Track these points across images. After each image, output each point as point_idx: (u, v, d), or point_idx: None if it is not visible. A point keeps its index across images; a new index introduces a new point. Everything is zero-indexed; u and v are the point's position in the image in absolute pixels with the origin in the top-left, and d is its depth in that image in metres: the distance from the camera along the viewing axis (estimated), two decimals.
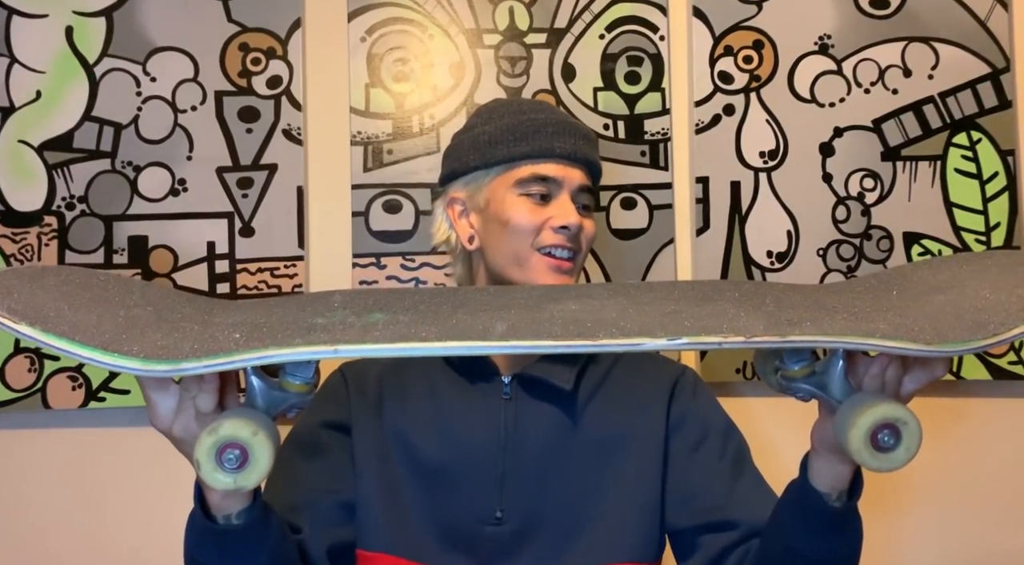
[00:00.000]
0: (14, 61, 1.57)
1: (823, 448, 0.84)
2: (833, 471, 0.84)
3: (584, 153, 1.05)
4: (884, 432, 0.71)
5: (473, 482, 1.01)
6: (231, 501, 0.82)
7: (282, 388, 0.75)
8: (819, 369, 0.79)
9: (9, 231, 1.55)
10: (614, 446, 1.03)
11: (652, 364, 1.14)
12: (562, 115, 1.09)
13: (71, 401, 1.53)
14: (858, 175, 1.61)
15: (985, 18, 1.61)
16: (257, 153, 1.58)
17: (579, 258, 1.05)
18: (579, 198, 1.05)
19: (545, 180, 1.03)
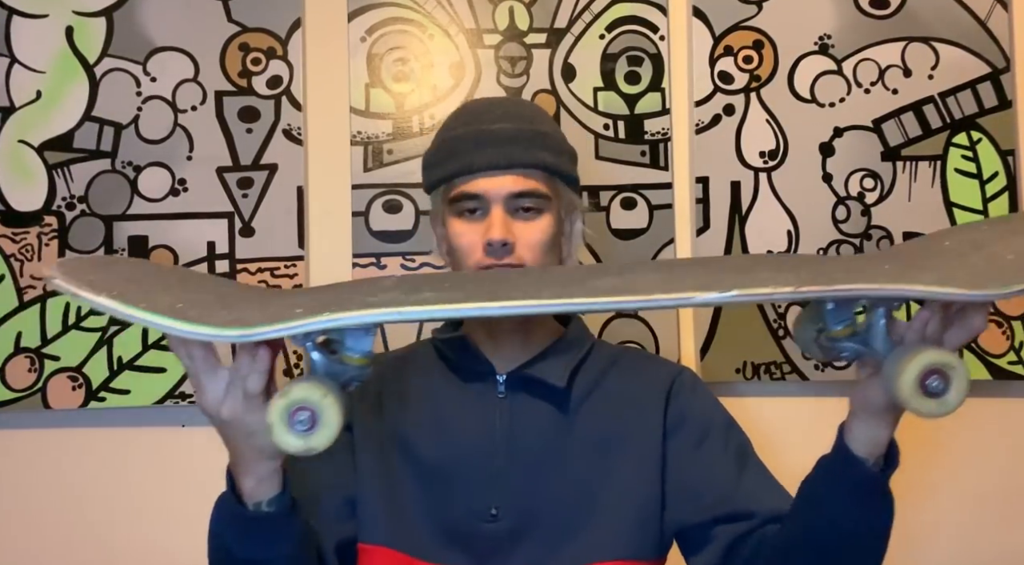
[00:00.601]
0: (14, 61, 1.57)
1: (864, 412, 0.85)
2: (873, 435, 0.85)
3: (513, 158, 1.00)
4: (933, 378, 0.73)
5: (469, 480, 1.02)
6: (265, 487, 0.84)
7: (342, 362, 0.77)
8: (861, 328, 0.81)
9: (9, 231, 1.55)
10: (609, 444, 1.03)
11: (649, 364, 1.14)
12: (488, 122, 1.02)
13: (71, 401, 1.53)
14: (858, 175, 1.61)
15: (985, 18, 1.61)
16: (257, 153, 1.58)
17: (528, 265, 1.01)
18: (515, 203, 1.01)
19: (472, 197, 1.01)
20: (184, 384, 1.54)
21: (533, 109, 1.10)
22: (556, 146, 1.05)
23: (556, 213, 1.04)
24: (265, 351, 0.79)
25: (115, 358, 1.54)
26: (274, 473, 0.84)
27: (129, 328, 1.54)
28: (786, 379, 1.58)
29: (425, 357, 1.11)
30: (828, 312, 0.80)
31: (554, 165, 1.03)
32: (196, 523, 1.59)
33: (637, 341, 1.57)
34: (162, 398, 1.54)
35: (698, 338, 1.59)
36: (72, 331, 1.54)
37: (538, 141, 1.02)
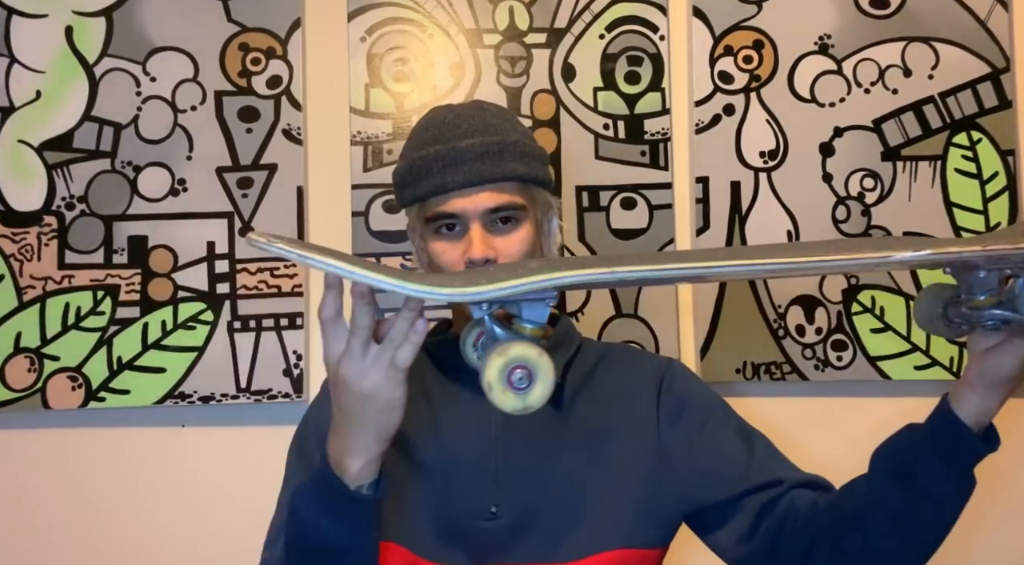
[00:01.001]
0: (14, 61, 1.57)
1: (985, 381, 0.86)
2: (987, 406, 0.87)
3: (483, 174, 1.00)
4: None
5: (468, 479, 1.03)
6: (369, 470, 0.84)
7: (519, 333, 0.79)
8: (1004, 296, 0.82)
9: (9, 231, 1.55)
10: (603, 436, 1.05)
11: (639, 357, 1.15)
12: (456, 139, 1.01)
13: (71, 401, 1.53)
14: (858, 175, 1.60)
15: (985, 18, 1.61)
16: (257, 153, 1.58)
17: None
18: (492, 217, 1.01)
19: (449, 215, 1.01)
20: (184, 384, 1.54)
21: (499, 116, 1.08)
22: (527, 153, 1.04)
23: (533, 219, 1.04)
24: (423, 323, 0.80)
25: (115, 358, 1.54)
26: (380, 457, 0.85)
27: (129, 328, 1.54)
28: (786, 379, 1.58)
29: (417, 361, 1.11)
30: (977, 280, 0.83)
31: (526, 174, 1.03)
32: (196, 523, 1.59)
33: (637, 341, 1.57)
34: (162, 398, 1.54)
35: (698, 338, 1.59)
36: (72, 331, 1.54)
37: (508, 153, 1.02)
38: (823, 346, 1.58)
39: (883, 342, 1.58)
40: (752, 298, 1.59)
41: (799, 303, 1.59)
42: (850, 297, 1.59)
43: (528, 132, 1.09)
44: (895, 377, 1.58)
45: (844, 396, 1.61)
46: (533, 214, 1.04)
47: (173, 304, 1.55)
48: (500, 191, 1.01)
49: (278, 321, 1.56)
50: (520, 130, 1.07)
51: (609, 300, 1.59)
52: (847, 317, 1.59)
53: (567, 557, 1.00)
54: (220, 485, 1.57)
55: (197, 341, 1.55)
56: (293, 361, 1.56)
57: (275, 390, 1.55)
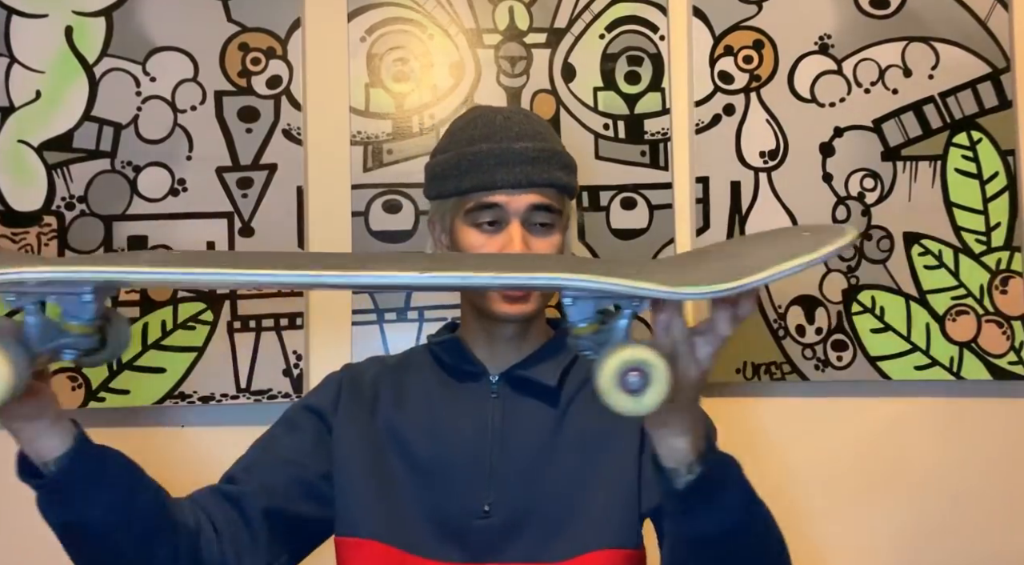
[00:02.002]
0: (14, 61, 1.57)
1: (649, 426, 0.82)
2: (667, 447, 0.82)
3: (532, 177, 1.04)
4: (632, 374, 0.72)
5: (462, 478, 1.05)
6: (41, 447, 0.86)
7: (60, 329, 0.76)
8: (605, 329, 0.79)
9: (9, 231, 1.55)
10: (597, 441, 1.06)
11: None
12: (509, 140, 1.06)
13: (71, 401, 1.53)
14: (858, 175, 1.60)
15: (985, 18, 1.61)
16: (257, 153, 1.58)
17: None
18: (532, 218, 1.05)
19: (491, 207, 1.04)
20: (184, 384, 1.54)
21: (543, 125, 1.13)
22: (567, 165, 1.10)
23: (563, 229, 1.09)
24: None
25: None
26: (49, 431, 0.85)
27: None
28: (786, 379, 1.58)
29: (420, 360, 1.14)
30: (569, 308, 0.78)
31: (568, 184, 1.08)
32: None
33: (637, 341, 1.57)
34: (162, 398, 1.54)
35: None
36: None
37: (555, 161, 1.07)
38: (823, 346, 1.58)
39: (883, 342, 1.58)
40: None
41: (799, 303, 1.59)
42: (850, 297, 1.59)
43: (564, 146, 1.12)
44: (895, 377, 1.58)
45: (844, 396, 1.61)
46: (564, 222, 1.09)
47: (173, 304, 1.55)
48: (542, 194, 1.05)
49: (278, 321, 1.56)
50: (560, 141, 1.12)
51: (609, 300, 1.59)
52: (847, 317, 1.59)
53: (557, 557, 1.01)
54: None
55: (197, 341, 1.55)
56: (293, 361, 1.55)
57: (275, 390, 1.55)
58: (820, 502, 1.59)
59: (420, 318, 1.56)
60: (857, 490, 1.61)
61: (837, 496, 1.60)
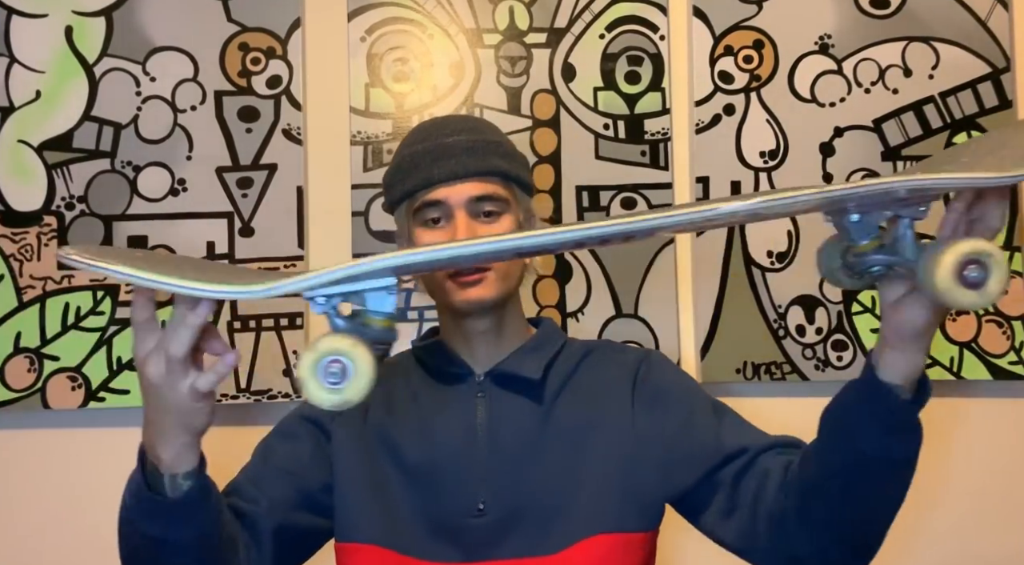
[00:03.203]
0: (14, 61, 1.57)
1: (899, 337, 0.83)
2: (909, 361, 0.83)
3: (468, 167, 1.04)
4: (971, 268, 0.70)
5: (454, 477, 1.06)
6: (183, 460, 0.86)
7: (364, 324, 0.77)
8: (888, 240, 0.79)
9: (9, 231, 1.55)
10: (585, 431, 1.07)
11: (618, 352, 1.16)
12: (443, 136, 1.06)
13: (71, 401, 1.53)
14: (858, 175, 1.60)
15: (985, 18, 1.61)
16: (257, 153, 1.58)
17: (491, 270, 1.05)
18: (477, 208, 1.05)
19: (435, 204, 1.05)
20: None
21: (484, 122, 1.14)
22: (510, 154, 1.09)
23: (515, 217, 1.07)
24: (204, 307, 0.80)
25: (115, 358, 1.54)
26: (191, 446, 0.86)
27: (129, 328, 1.54)
28: (786, 379, 1.58)
29: (406, 365, 1.15)
30: (853, 226, 0.78)
31: (509, 171, 1.07)
32: None
33: (637, 341, 1.57)
34: None
35: (698, 338, 1.59)
36: (72, 331, 1.54)
37: (492, 149, 1.07)
38: (823, 346, 1.58)
39: None
40: (752, 298, 1.59)
41: (799, 303, 1.59)
42: (850, 297, 1.59)
43: (511, 141, 1.12)
44: None
45: None
46: (516, 212, 1.08)
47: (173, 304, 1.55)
48: (485, 182, 1.05)
49: (278, 321, 1.56)
50: (505, 137, 1.12)
51: (609, 300, 1.59)
52: (847, 317, 1.59)
53: (554, 548, 1.02)
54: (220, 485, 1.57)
55: None
56: (293, 361, 1.56)
57: (275, 390, 1.55)
58: None
59: (420, 318, 1.56)
60: None
61: None
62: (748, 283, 1.59)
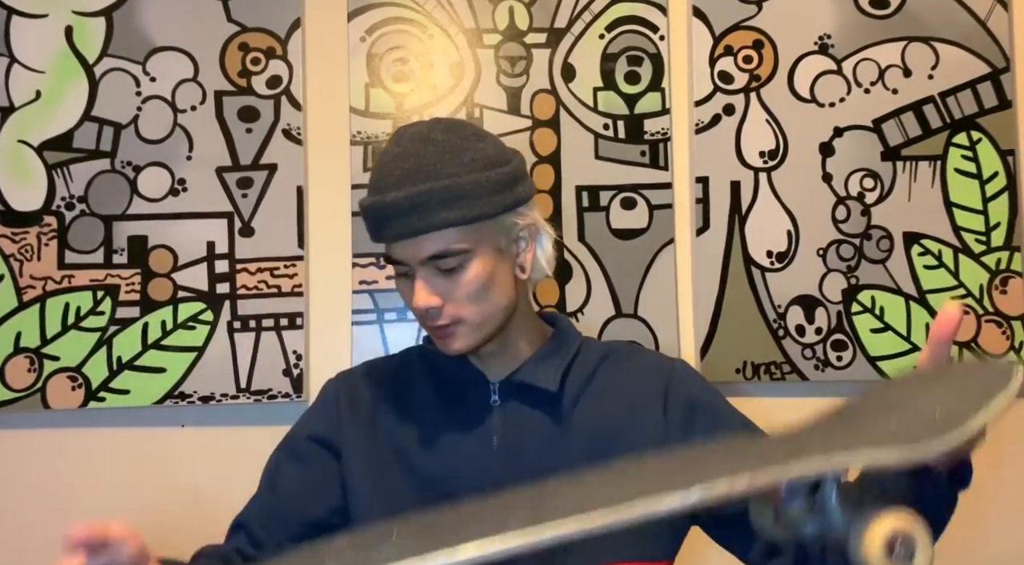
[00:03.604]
0: (14, 61, 1.57)
1: None
2: None
3: (415, 227, 0.97)
4: (898, 544, 0.69)
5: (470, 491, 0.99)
6: None
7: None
8: (817, 504, 0.77)
9: (9, 231, 1.55)
10: (607, 444, 1.03)
11: (641, 358, 1.12)
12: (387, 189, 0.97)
13: (71, 401, 1.53)
14: (858, 175, 1.61)
15: (985, 18, 1.61)
16: (257, 153, 1.58)
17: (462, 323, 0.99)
18: (433, 266, 0.98)
19: (397, 262, 1.00)
20: (184, 384, 1.54)
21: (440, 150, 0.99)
22: (464, 194, 0.97)
23: (485, 255, 0.99)
24: None
25: (115, 358, 1.54)
26: None
27: (129, 328, 1.54)
28: (786, 379, 1.58)
29: (417, 366, 1.11)
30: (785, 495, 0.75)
31: (459, 219, 0.97)
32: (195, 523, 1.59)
33: (637, 341, 1.57)
34: (162, 398, 1.54)
35: (698, 338, 1.59)
36: (72, 331, 1.54)
37: (436, 201, 0.96)
38: (823, 346, 1.58)
39: (883, 342, 1.58)
40: (752, 298, 1.59)
41: (799, 303, 1.59)
42: (850, 297, 1.59)
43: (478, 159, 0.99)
44: None
45: (844, 396, 1.61)
46: (485, 250, 0.99)
47: (173, 304, 1.55)
48: (437, 238, 0.97)
49: (278, 321, 1.56)
50: (465, 160, 0.99)
51: (609, 300, 1.59)
52: (847, 317, 1.59)
53: None
54: (220, 485, 1.57)
55: (197, 341, 1.55)
56: (293, 361, 1.55)
57: (275, 390, 1.55)
58: None
59: None
60: None
61: None
62: (748, 283, 1.59)
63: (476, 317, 0.99)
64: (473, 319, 0.99)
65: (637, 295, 1.59)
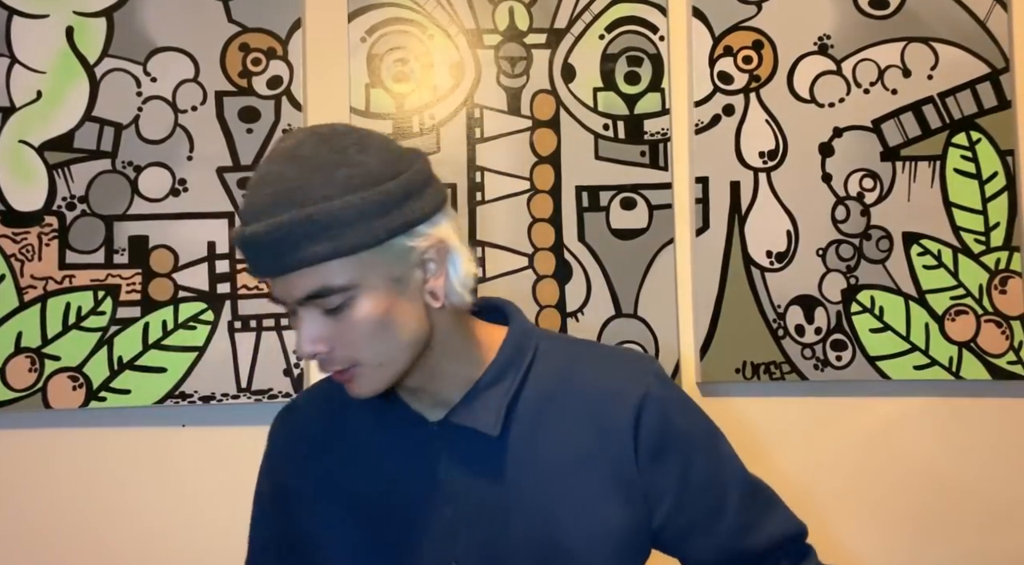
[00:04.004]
0: (15, 61, 1.57)
1: None
2: None
3: (282, 263, 0.82)
4: None
5: (424, 536, 0.94)
6: None
7: None
8: None
9: (10, 231, 1.55)
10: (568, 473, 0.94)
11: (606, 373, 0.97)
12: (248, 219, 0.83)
13: (71, 401, 1.53)
14: (858, 175, 1.61)
15: (984, 18, 1.61)
16: (257, 153, 1.58)
17: (361, 365, 0.87)
18: (315, 305, 0.84)
19: (277, 300, 0.87)
20: (184, 384, 1.54)
21: (305, 169, 0.83)
22: (336, 220, 0.82)
23: (376, 289, 0.85)
24: None
25: (115, 358, 1.54)
26: None
27: (130, 328, 1.54)
28: (786, 379, 1.59)
29: (360, 415, 0.99)
30: None
31: (333, 252, 0.82)
32: (195, 523, 1.59)
33: (637, 341, 1.58)
34: (162, 398, 1.54)
35: (698, 338, 1.59)
36: (72, 331, 1.54)
37: (301, 232, 0.81)
38: (822, 346, 1.59)
39: (882, 342, 1.59)
40: (752, 298, 1.60)
41: (799, 303, 1.59)
42: (849, 297, 1.59)
43: (356, 175, 0.83)
44: (894, 377, 1.58)
45: (844, 396, 1.61)
46: (376, 282, 0.84)
47: (174, 304, 1.55)
48: (311, 275, 0.83)
49: (278, 321, 1.56)
50: (338, 180, 0.83)
51: (609, 300, 1.59)
52: (846, 317, 1.59)
53: None
54: (220, 485, 1.57)
55: (198, 341, 1.55)
56: (293, 361, 1.56)
57: (275, 390, 1.55)
58: (819, 501, 1.59)
59: None
60: (856, 489, 1.61)
61: (836, 495, 1.60)
62: (747, 283, 1.60)
63: (375, 359, 0.86)
64: (372, 361, 0.86)
65: (637, 295, 1.59)
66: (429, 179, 0.90)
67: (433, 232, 0.87)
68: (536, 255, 1.59)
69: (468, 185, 1.59)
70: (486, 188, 1.60)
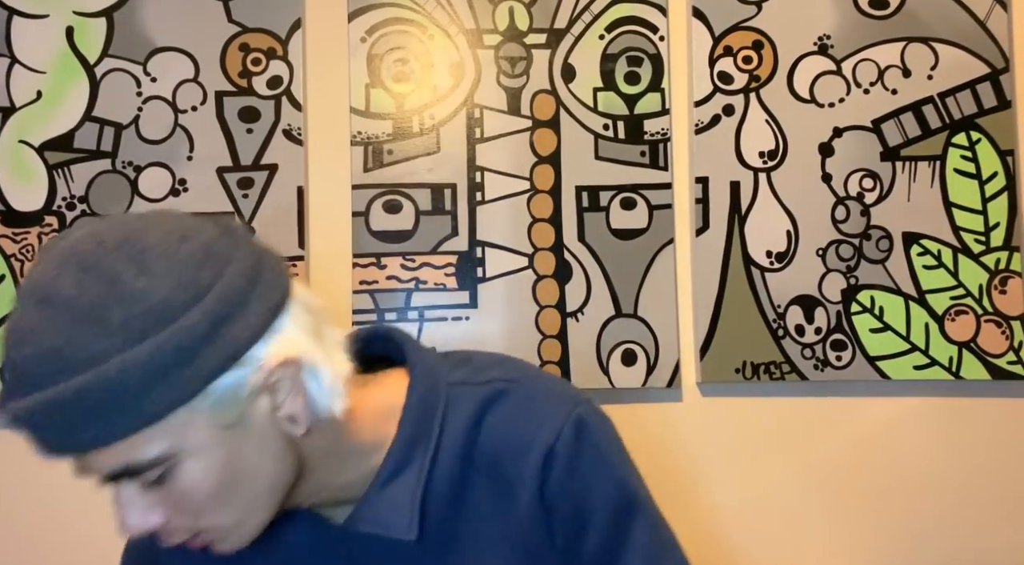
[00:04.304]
0: (15, 61, 1.57)
1: None
2: None
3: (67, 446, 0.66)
4: None
5: None
6: None
7: None
8: None
9: (10, 231, 1.55)
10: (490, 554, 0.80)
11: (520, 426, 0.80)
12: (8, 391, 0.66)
13: None
14: (857, 175, 1.61)
15: (984, 18, 1.61)
16: (257, 153, 1.58)
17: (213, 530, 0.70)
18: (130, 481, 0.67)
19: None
20: None
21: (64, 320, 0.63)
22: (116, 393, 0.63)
23: (204, 446, 0.67)
24: None
25: None
26: None
27: None
28: (785, 379, 1.59)
29: None
30: None
31: (121, 432, 0.64)
32: None
33: (637, 341, 1.58)
34: None
35: (698, 338, 1.59)
36: None
37: (75, 410, 0.63)
38: (822, 346, 1.59)
39: (882, 342, 1.59)
40: (752, 298, 1.60)
41: (799, 303, 1.59)
42: (849, 297, 1.59)
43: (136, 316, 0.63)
44: (894, 377, 1.58)
45: (844, 396, 1.61)
46: (201, 438, 0.66)
47: None
48: (109, 454, 0.65)
49: None
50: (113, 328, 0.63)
51: (609, 300, 1.59)
52: (846, 317, 1.59)
53: None
54: None
55: None
56: None
57: None
58: (819, 501, 1.60)
59: (420, 318, 1.57)
60: (856, 489, 1.61)
61: (836, 495, 1.60)
62: (747, 283, 1.60)
63: (229, 518, 0.70)
64: (225, 522, 0.70)
65: (637, 295, 1.59)
66: (254, 278, 0.69)
67: (272, 351, 0.67)
68: (536, 255, 1.60)
69: (468, 185, 1.59)
70: (486, 188, 1.60)
